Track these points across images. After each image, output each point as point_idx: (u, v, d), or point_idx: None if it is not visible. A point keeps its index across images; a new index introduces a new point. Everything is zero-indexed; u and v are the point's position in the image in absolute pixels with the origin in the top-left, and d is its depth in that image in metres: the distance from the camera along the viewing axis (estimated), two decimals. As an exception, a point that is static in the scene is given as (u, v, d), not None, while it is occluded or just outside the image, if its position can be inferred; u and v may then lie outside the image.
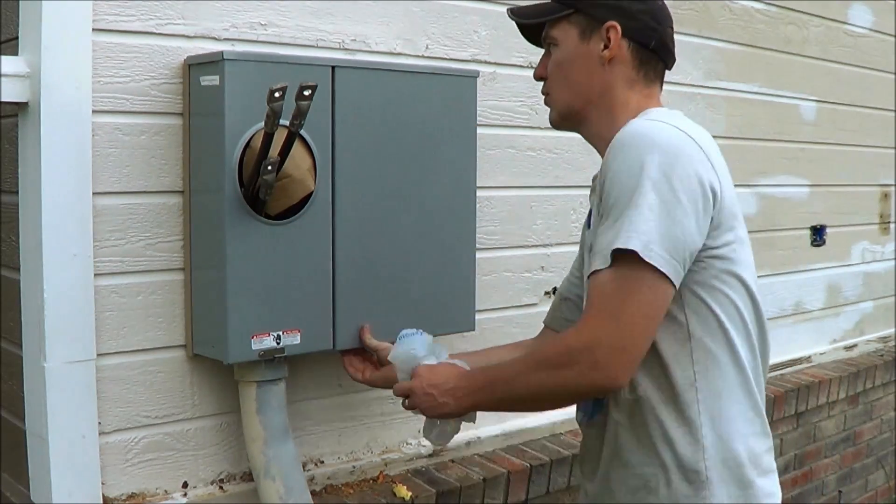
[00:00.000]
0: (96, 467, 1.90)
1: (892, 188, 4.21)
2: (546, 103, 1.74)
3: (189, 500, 2.05)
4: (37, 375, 1.85)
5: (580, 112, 1.68)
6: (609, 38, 1.63)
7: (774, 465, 1.65)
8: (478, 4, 2.47)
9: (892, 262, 4.28)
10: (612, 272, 1.43)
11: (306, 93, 1.75)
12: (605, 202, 1.49)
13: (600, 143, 1.65)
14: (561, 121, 1.72)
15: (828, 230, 3.81)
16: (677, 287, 1.45)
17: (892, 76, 4.10)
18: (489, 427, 2.62)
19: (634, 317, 1.42)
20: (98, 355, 1.89)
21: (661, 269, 1.41)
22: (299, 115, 1.78)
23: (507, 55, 2.53)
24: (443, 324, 2.20)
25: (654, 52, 1.66)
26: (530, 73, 2.56)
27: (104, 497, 1.94)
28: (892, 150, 4.16)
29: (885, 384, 4.10)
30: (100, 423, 1.91)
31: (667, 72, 1.72)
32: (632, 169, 1.44)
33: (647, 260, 1.40)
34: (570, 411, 2.78)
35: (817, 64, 3.67)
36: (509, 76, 2.52)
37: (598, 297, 1.44)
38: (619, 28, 1.62)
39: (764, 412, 1.63)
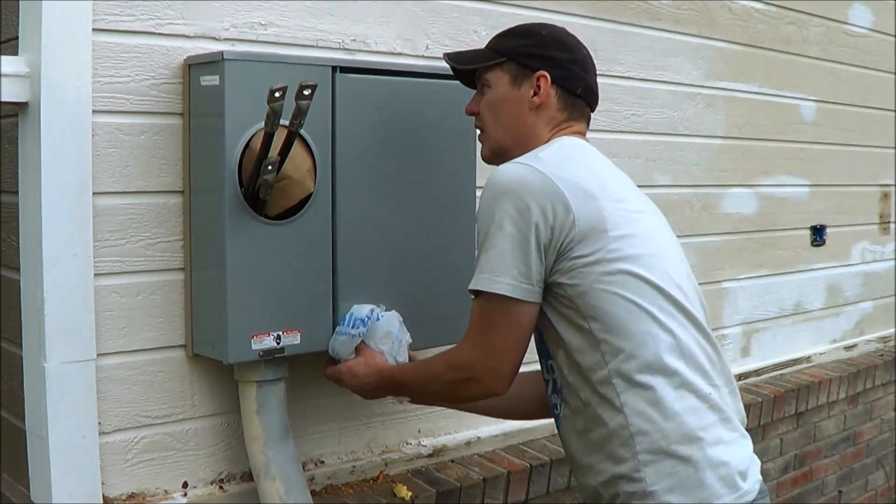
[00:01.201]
0: (96, 467, 1.90)
1: (892, 188, 4.21)
2: (479, 139, 1.91)
3: (189, 500, 2.05)
4: (37, 375, 1.85)
5: (508, 150, 1.81)
6: (539, 86, 1.79)
7: (729, 435, 1.70)
8: (478, 4, 2.47)
9: (892, 262, 4.28)
10: (477, 304, 1.70)
11: (306, 92, 1.75)
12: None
13: None
14: (492, 157, 1.87)
15: (828, 230, 3.81)
16: (538, 300, 1.67)
17: (892, 76, 4.10)
18: (489, 427, 2.62)
19: (497, 341, 1.68)
20: (98, 355, 1.89)
21: (510, 295, 1.64)
22: (299, 115, 1.78)
23: (507, 55, 2.52)
24: (442, 324, 2.20)
25: (579, 97, 1.83)
26: (530, 73, 2.60)
27: (104, 497, 1.94)
28: (892, 150, 4.16)
29: (885, 384, 4.10)
30: (100, 423, 1.91)
31: (594, 112, 1.89)
32: (484, 215, 1.67)
33: (495, 292, 1.64)
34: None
35: (817, 64, 3.67)
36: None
37: (470, 325, 1.72)
38: (548, 77, 1.79)
39: (712, 388, 1.69)
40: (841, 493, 3.96)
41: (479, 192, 2.23)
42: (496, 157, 1.84)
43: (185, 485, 2.06)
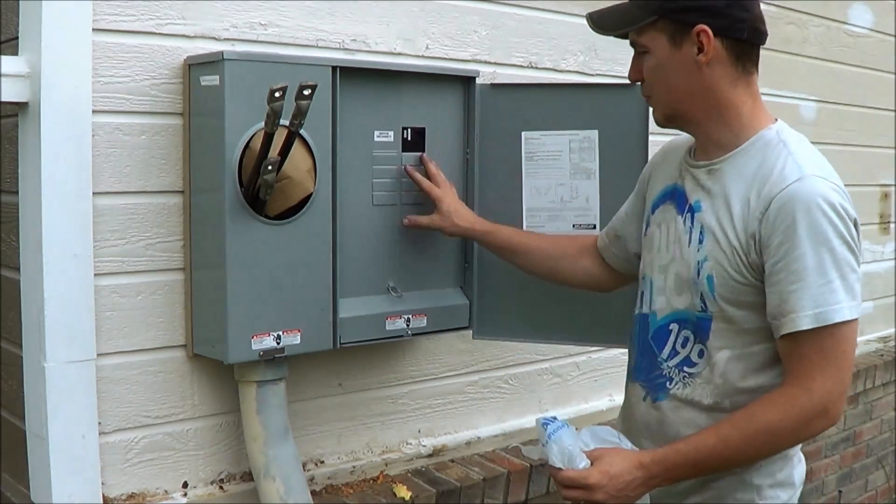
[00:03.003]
0: (96, 467, 1.90)
1: (892, 188, 4.21)
2: (649, 104, 1.74)
3: (189, 500, 2.05)
4: (37, 375, 1.85)
5: (685, 114, 1.68)
6: (702, 43, 1.61)
7: None
8: (478, 4, 2.47)
9: (892, 262, 4.28)
10: (825, 333, 1.54)
11: (306, 92, 1.75)
12: (787, 255, 1.56)
13: (710, 144, 1.69)
14: (666, 121, 1.72)
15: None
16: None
17: (892, 76, 4.10)
18: (489, 427, 2.62)
19: (847, 367, 1.58)
20: (98, 355, 1.89)
21: (856, 317, 1.56)
22: (299, 115, 1.78)
23: (507, 55, 2.53)
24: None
25: (747, 41, 1.64)
26: (530, 73, 2.60)
27: (104, 497, 1.94)
28: (892, 150, 4.16)
29: (885, 384, 4.09)
30: (100, 423, 1.91)
31: None
32: (814, 235, 1.55)
33: (852, 318, 1.55)
34: (570, 411, 2.80)
35: (817, 64, 3.67)
36: (509, 76, 2.52)
37: (817, 358, 1.55)
38: (709, 31, 1.60)
39: None
40: (841, 493, 3.96)
41: (476, 191, 2.24)
42: (669, 121, 1.71)
43: (185, 485, 2.06)
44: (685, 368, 1.70)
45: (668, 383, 1.72)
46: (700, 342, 1.67)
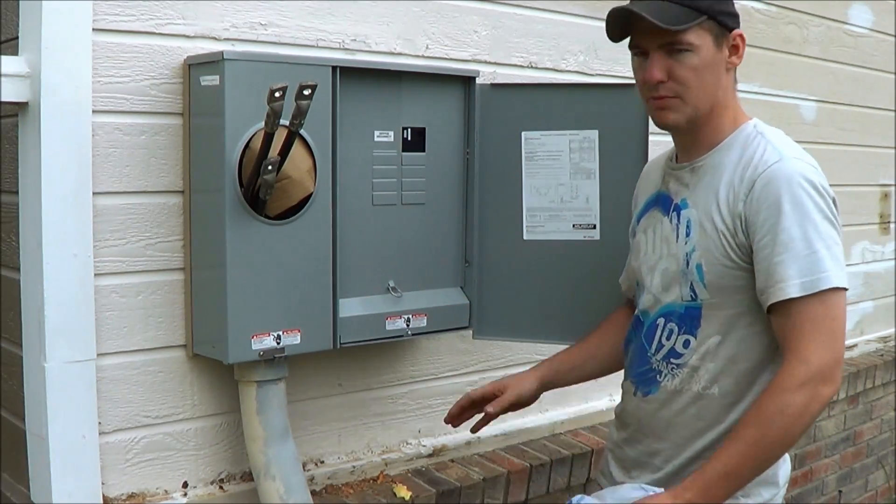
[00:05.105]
0: (96, 467, 1.90)
1: (892, 188, 4.21)
2: (667, 106, 1.70)
3: (189, 500, 2.05)
4: (37, 375, 1.85)
5: (703, 117, 1.71)
6: (738, 48, 1.71)
7: None
8: (478, 4, 2.46)
9: (892, 262, 4.28)
10: (816, 301, 1.58)
11: (306, 92, 1.75)
12: (773, 228, 1.61)
13: (695, 145, 1.75)
14: (689, 124, 1.72)
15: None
16: None
17: (892, 76, 4.09)
18: (489, 427, 2.60)
19: (841, 335, 1.61)
20: (98, 355, 1.89)
21: (846, 286, 1.60)
22: (299, 115, 1.78)
23: (507, 55, 2.53)
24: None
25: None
26: (530, 73, 2.59)
27: (104, 497, 1.94)
28: (892, 150, 4.16)
29: (885, 384, 4.09)
30: (100, 423, 1.91)
31: None
32: (799, 208, 1.61)
33: (841, 286, 1.59)
34: (570, 411, 2.80)
35: (817, 64, 3.66)
36: (509, 76, 2.52)
37: (810, 329, 1.58)
38: (744, 37, 1.71)
39: None
40: (841, 493, 3.96)
41: (476, 191, 2.24)
42: (693, 122, 1.72)
43: (185, 485, 2.06)
44: (672, 360, 1.74)
45: (658, 376, 1.77)
46: (686, 332, 1.72)
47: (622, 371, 1.93)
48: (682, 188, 1.77)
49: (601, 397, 2.87)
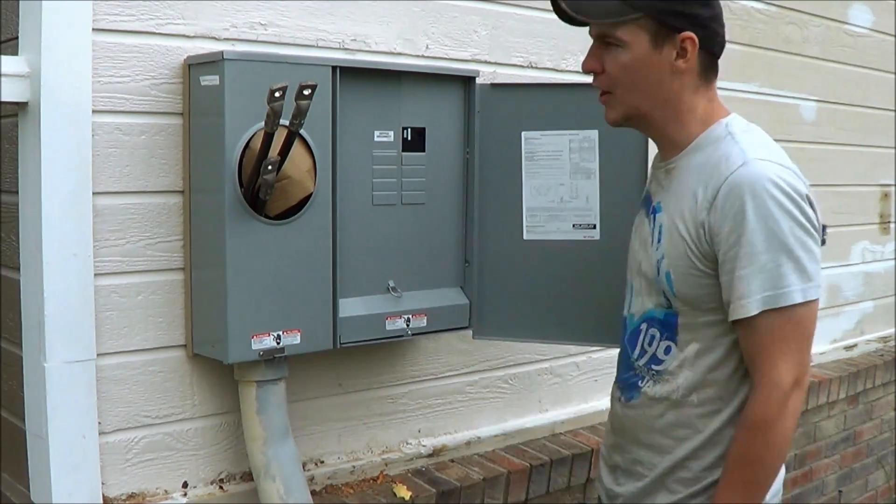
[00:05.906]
0: (96, 467, 1.90)
1: (892, 188, 4.21)
2: (605, 102, 1.70)
3: (189, 500, 2.05)
4: (37, 375, 1.85)
5: (645, 115, 1.68)
6: (685, 49, 1.60)
7: None
8: (478, 4, 2.47)
9: (892, 262, 4.28)
10: (785, 315, 1.54)
11: (306, 92, 1.75)
12: (738, 241, 1.56)
13: (666, 143, 1.71)
14: (622, 121, 1.70)
15: (828, 230, 3.80)
16: None
17: (892, 76, 4.10)
18: (489, 427, 2.62)
19: (808, 347, 1.58)
20: (98, 355, 1.89)
21: (817, 298, 1.57)
22: (299, 115, 1.78)
23: (507, 55, 2.53)
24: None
25: (716, 55, 1.67)
26: (530, 73, 2.60)
27: (104, 497, 1.94)
28: (892, 150, 4.16)
29: (885, 384, 4.10)
30: (100, 423, 1.91)
31: None
32: (769, 218, 1.55)
33: (813, 299, 1.56)
34: (570, 411, 2.80)
35: (817, 64, 3.66)
36: (509, 76, 2.52)
37: (780, 341, 1.55)
38: (696, 40, 1.60)
39: None
40: (841, 493, 3.96)
41: (476, 191, 2.24)
42: (628, 121, 1.70)
43: (185, 485, 2.06)
44: (653, 366, 1.72)
45: (639, 382, 1.75)
46: (667, 339, 1.69)
47: None
48: (659, 189, 1.73)
49: (601, 397, 2.87)
